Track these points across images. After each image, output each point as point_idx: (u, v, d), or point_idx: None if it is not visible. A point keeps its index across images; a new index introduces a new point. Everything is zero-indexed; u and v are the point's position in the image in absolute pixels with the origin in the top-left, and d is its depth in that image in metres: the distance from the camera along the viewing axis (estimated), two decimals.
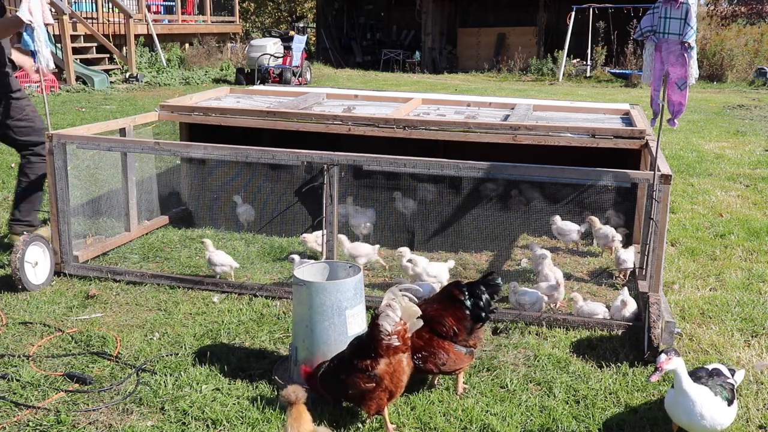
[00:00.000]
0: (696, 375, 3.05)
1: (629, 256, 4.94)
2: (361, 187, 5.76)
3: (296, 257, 4.63)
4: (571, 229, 5.33)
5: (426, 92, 9.52)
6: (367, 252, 5.00)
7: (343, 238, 4.83)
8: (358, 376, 3.09)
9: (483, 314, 3.44)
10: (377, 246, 5.07)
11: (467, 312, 3.42)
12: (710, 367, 3.14)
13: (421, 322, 3.19)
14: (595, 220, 5.35)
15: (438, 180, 5.90)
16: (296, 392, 2.81)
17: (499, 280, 3.53)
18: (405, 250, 4.73)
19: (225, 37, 23.62)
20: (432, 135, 5.40)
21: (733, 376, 3.13)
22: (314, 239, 5.08)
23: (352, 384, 3.10)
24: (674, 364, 2.91)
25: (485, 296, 3.45)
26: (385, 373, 3.08)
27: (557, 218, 5.35)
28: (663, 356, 2.93)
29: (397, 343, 3.09)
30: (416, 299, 3.20)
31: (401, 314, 3.10)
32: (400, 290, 3.15)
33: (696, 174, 8.14)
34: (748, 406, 3.38)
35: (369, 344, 3.11)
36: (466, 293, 3.45)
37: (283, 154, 4.67)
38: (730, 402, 2.95)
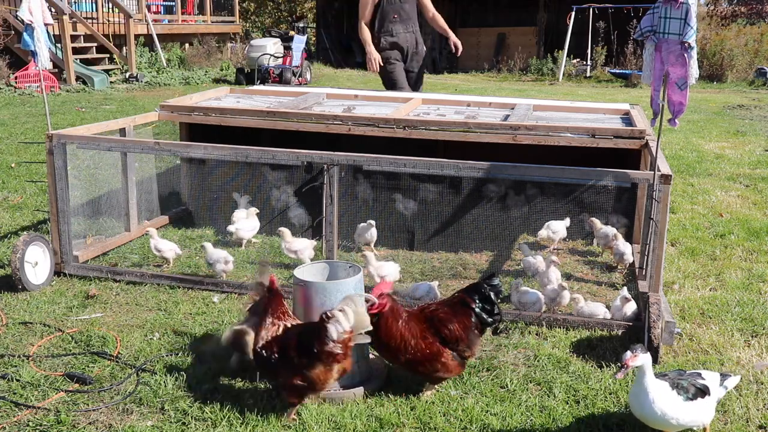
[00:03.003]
0: (663, 374, 3.05)
1: (628, 249, 5.01)
2: (360, 186, 5.76)
3: (208, 244, 4.80)
4: (559, 227, 5.34)
5: (426, 92, 9.48)
6: (392, 271, 4.74)
7: (370, 255, 4.64)
8: (292, 372, 3.13)
9: (491, 320, 3.47)
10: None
11: (474, 320, 3.43)
12: (691, 371, 3.12)
13: (368, 338, 3.20)
14: (596, 221, 5.36)
15: (438, 180, 5.89)
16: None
17: (497, 281, 3.53)
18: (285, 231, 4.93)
19: (225, 37, 23.61)
20: (432, 135, 5.40)
21: (723, 381, 3.09)
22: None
23: (284, 375, 3.16)
24: (641, 360, 2.90)
25: (494, 300, 3.47)
26: (318, 377, 3.12)
27: (553, 223, 5.37)
28: (628, 353, 2.90)
29: (339, 352, 3.10)
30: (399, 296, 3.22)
31: (352, 324, 3.10)
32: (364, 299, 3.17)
33: (696, 174, 8.14)
34: (748, 406, 3.38)
35: (311, 344, 3.12)
36: (477, 300, 3.46)
37: (283, 154, 4.67)
38: (690, 399, 2.93)
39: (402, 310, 3.40)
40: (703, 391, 2.97)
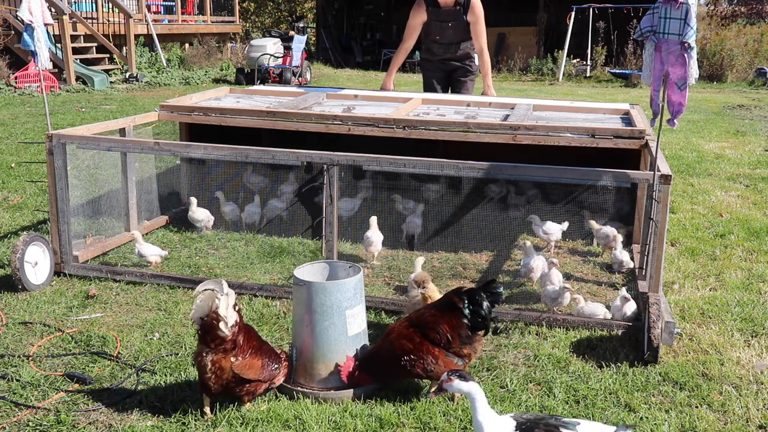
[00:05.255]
0: (523, 415, 2.70)
1: (626, 256, 5.05)
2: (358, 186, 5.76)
3: (193, 199, 5.62)
4: (554, 229, 5.34)
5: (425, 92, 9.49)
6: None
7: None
8: None
9: (481, 323, 3.36)
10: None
11: (465, 320, 3.34)
12: (570, 419, 2.68)
13: None
14: (594, 223, 5.38)
15: (437, 180, 5.90)
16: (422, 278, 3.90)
17: (501, 289, 3.44)
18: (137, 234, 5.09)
19: (225, 37, 23.61)
20: (432, 135, 5.40)
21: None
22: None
23: None
24: (459, 386, 2.65)
25: (486, 305, 3.36)
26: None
27: (537, 219, 5.38)
28: (445, 374, 2.71)
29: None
30: None
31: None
32: None
33: (696, 174, 8.14)
34: (748, 406, 3.38)
35: None
36: (466, 301, 3.36)
37: (283, 154, 4.67)
38: None
39: (378, 365, 3.42)
40: None
